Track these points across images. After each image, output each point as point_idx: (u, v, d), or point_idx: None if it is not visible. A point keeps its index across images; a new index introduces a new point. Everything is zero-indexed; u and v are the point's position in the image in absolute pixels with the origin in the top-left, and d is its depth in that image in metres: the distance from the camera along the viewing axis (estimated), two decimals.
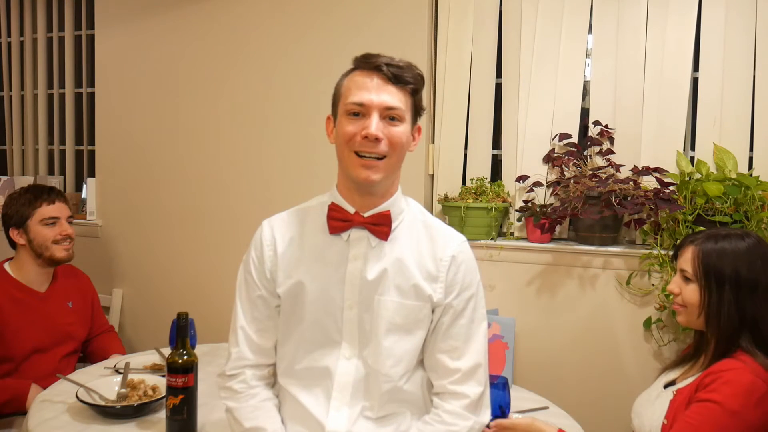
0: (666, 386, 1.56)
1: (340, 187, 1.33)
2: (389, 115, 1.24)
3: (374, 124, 1.22)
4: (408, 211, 1.34)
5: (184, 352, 1.48)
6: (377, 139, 1.22)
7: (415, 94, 1.28)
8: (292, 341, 1.32)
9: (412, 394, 1.33)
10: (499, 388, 1.49)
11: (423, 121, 2.33)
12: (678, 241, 1.63)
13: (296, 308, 1.31)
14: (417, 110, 1.30)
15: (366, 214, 1.28)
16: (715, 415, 1.32)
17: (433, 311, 1.30)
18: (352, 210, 1.29)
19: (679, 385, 1.49)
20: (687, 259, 1.50)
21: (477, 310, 1.32)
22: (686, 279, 1.51)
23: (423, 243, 1.31)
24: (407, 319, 1.28)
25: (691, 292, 1.49)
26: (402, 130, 1.25)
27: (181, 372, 1.47)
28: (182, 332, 1.47)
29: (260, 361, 1.35)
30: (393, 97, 1.24)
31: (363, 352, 1.29)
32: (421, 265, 1.29)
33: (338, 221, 1.29)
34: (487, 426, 1.35)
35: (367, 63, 1.25)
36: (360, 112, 1.23)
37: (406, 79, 1.25)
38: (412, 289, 1.28)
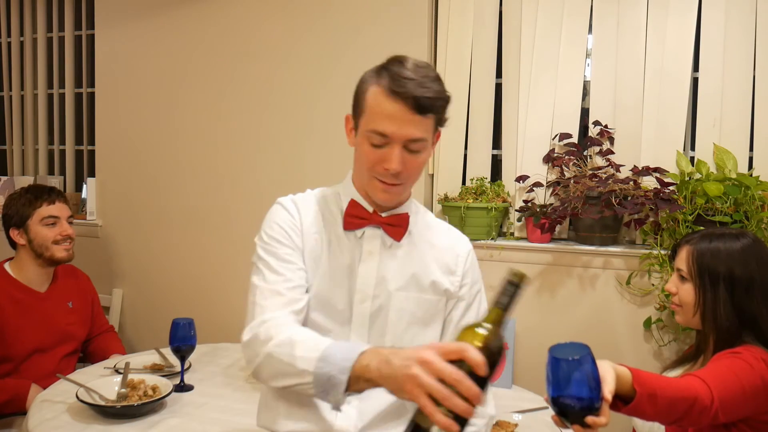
0: None
1: (357, 185, 1.32)
2: (411, 147, 1.21)
3: (395, 160, 1.19)
4: (418, 212, 1.38)
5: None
6: (397, 172, 1.22)
7: (440, 115, 1.25)
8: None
9: None
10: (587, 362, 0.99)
11: None
12: (677, 241, 1.63)
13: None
14: (439, 124, 1.27)
15: (384, 214, 1.30)
16: (733, 361, 1.34)
17: (446, 303, 1.35)
18: (370, 209, 1.30)
19: None
20: (683, 259, 1.51)
21: (482, 303, 1.38)
22: (682, 278, 1.52)
23: (439, 240, 1.36)
24: (427, 312, 1.31)
25: (687, 292, 1.50)
26: (422, 158, 1.23)
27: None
28: (512, 304, 0.93)
29: (291, 297, 1.23)
30: (417, 128, 1.19)
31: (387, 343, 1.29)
32: (440, 260, 1.33)
33: (355, 218, 1.29)
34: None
35: (397, 92, 1.17)
36: (383, 142, 1.20)
37: (434, 108, 1.20)
38: (431, 285, 1.31)
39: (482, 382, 0.88)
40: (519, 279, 0.93)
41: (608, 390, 1.01)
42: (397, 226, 1.30)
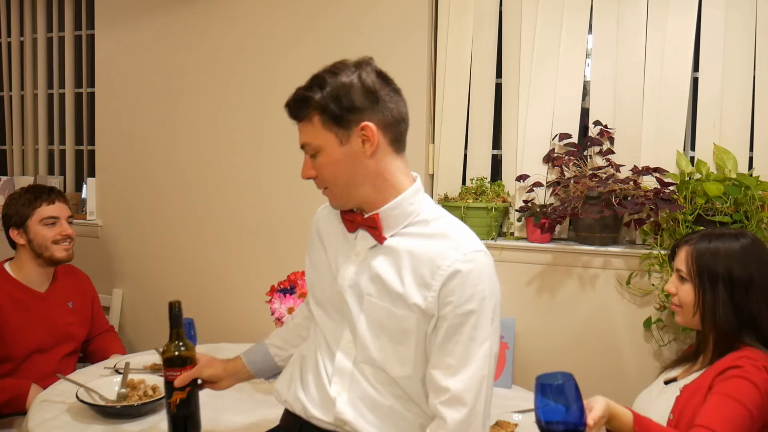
0: (667, 383, 1.57)
1: None
2: (308, 152, 1.27)
3: (302, 167, 1.29)
4: (419, 215, 1.27)
5: (181, 344, 1.45)
6: (312, 177, 1.28)
7: (323, 109, 1.22)
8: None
9: (413, 411, 1.29)
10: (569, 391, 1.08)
11: (423, 121, 2.34)
12: (677, 241, 1.63)
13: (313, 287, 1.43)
14: (338, 118, 1.22)
15: (366, 215, 1.29)
16: (734, 385, 1.34)
17: (429, 322, 1.22)
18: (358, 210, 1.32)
19: (684, 382, 1.50)
20: (682, 259, 1.51)
21: (478, 328, 1.17)
22: (682, 279, 1.52)
23: (426, 248, 1.22)
24: (398, 327, 1.23)
25: (686, 292, 1.50)
26: (323, 159, 1.25)
27: (179, 365, 1.43)
28: (176, 322, 1.45)
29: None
30: (302, 133, 1.27)
31: (356, 346, 1.29)
32: (416, 271, 1.21)
33: (348, 221, 1.32)
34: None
35: None
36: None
37: (301, 113, 1.25)
38: (399, 298, 1.22)
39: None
40: (173, 304, 1.48)
41: (592, 417, 1.09)
42: (372, 228, 1.27)
